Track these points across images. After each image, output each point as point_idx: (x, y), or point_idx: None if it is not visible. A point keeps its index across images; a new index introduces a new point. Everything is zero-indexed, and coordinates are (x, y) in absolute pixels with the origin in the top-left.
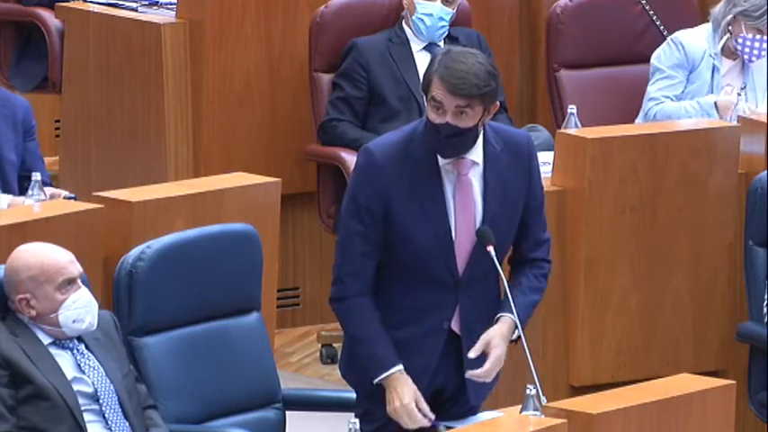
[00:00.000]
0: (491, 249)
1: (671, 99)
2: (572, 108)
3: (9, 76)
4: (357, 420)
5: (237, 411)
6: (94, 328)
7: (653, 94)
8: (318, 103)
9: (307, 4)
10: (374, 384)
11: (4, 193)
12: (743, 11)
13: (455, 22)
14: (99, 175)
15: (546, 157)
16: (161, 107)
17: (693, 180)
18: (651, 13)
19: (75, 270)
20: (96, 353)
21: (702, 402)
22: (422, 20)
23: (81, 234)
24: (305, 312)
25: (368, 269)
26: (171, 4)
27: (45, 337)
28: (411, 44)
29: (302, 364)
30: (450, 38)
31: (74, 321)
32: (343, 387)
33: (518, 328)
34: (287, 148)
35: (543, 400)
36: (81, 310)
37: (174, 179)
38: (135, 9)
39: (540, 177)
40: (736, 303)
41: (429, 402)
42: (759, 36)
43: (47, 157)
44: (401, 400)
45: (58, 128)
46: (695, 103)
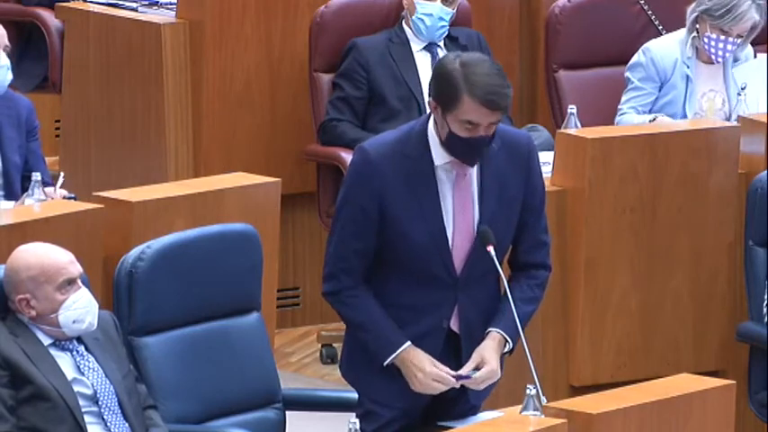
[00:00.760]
0: (491, 249)
1: (636, 110)
2: (572, 108)
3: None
4: (357, 420)
5: (237, 411)
6: (94, 328)
7: (621, 104)
8: (318, 103)
9: (307, 4)
10: (377, 385)
11: (8, 195)
12: (706, 9)
13: (455, 22)
14: (99, 175)
15: (546, 157)
16: (161, 107)
17: (693, 180)
18: (650, 12)
19: (76, 270)
20: (96, 354)
21: (702, 402)
22: (422, 20)
23: (81, 234)
24: (305, 312)
25: (361, 266)
26: (171, 4)
27: (45, 338)
28: (411, 44)
29: (302, 364)
30: (450, 38)
31: (74, 322)
32: (343, 387)
33: (508, 343)
34: (287, 148)
35: (543, 400)
36: (81, 310)
37: (174, 179)
38: (135, 9)
39: (542, 177)
40: (736, 303)
41: (429, 403)
42: (723, 37)
43: (47, 157)
44: (422, 370)
45: (58, 128)
46: (651, 118)
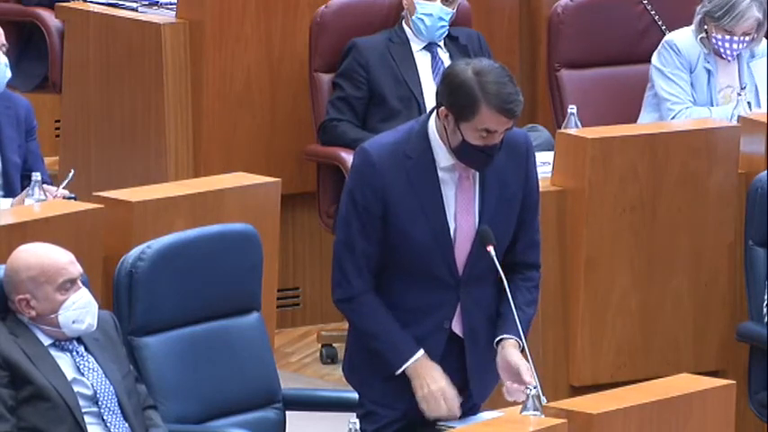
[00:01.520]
0: (491, 249)
1: (691, 101)
2: (572, 108)
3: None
4: (357, 420)
5: (237, 411)
6: (94, 328)
7: (674, 96)
8: (318, 103)
9: (307, 4)
10: (379, 387)
11: (8, 195)
12: (708, 11)
13: (455, 22)
14: (99, 175)
15: (546, 157)
16: (161, 107)
17: (693, 180)
18: (653, 12)
19: (75, 270)
20: (96, 354)
21: (702, 402)
22: (422, 20)
23: (81, 234)
24: (305, 312)
25: (370, 267)
26: (171, 4)
27: (45, 338)
28: (411, 44)
29: (302, 364)
30: (450, 37)
31: (73, 322)
32: (343, 387)
33: (522, 342)
34: (287, 148)
35: (543, 400)
36: (81, 310)
37: (174, 179)
38: (135, 9)
39: (537, 177)
40: (736, 303)
41: None
42: (728, 36)
43: (47, 157)
44: (436, 383)
45: (58, 128)
46: (726, 110)
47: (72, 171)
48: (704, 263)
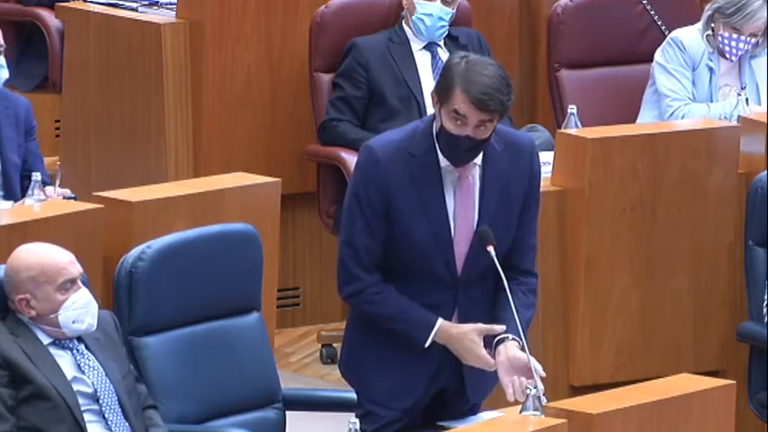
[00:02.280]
0: (491, 249)
1: (692, 99)
2: (572, 108)
3: (9, 76)
4: (357, 420)
5: (237, 411)
6: (94, 328)
7: (674, 93)
8: (318, 103)
9: (307, 4)
10: (378, 385)
11: (7, 194)
12: (718, 8)
13: (455, 22)
14: (99, 175)
15: (546, 157)
16: (161, 107)
17: (693, 180)
18: (652, 12)
19: (75, 270)
20: (96, 353)
21: (702, 402)
22: (422, 20)
23: (81, 234)
24: (305, 312)
25: (374, 263)
26: (171, 4)
27: (45, 338)
28: (411, 44)
29: (302, 364)
30: (450, 37)
31: (73, 322)
32: (343, 387)
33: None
34: (287, 148)
35: (543, 400)
36: (81, 310)
37: (174, 179)
38: (135, 9)
39: (540, 181)
40: (736, 303)
41: (430, 403)
42: (736, 35)
43: (47, 157)
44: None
45: (58, 128)
46: (725, 105)
47: (59, 168)
48: (704, 263)
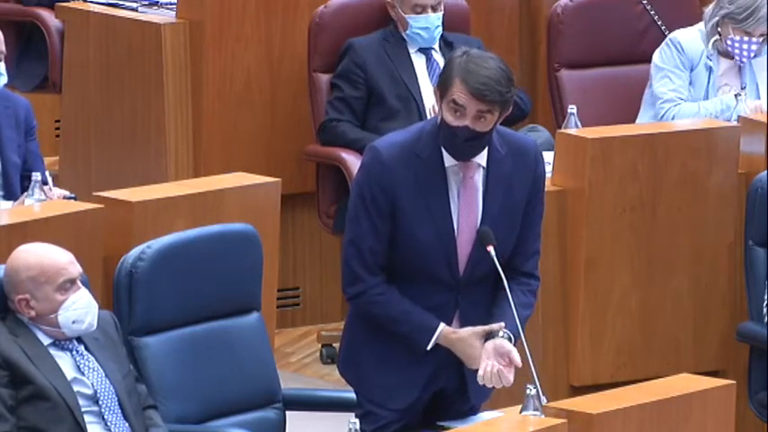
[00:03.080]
0: (491, 249)
1: (683, 100)
2: (572, 108)
3: (9, 76)
4: (357, 420)
5: (237, 411)
6: (94, 328)
7: (665, 95)
8: (318, 103)
9: (306, 4)
10: (377, 384)
11: (7, 194)
12: (728, 13)
13: (454, 27)
14: (99, 175)
15: (546, 158)
16: (161, 107)
17: (693, 180)
18: (652, 12)
19: (75, 271)
20: (96, 354)
21: (702, 402)
22: (418, 34)
23: (81, 234)
24: (305, 312)
25: (378, 264)
26: (171, 4)
27: (45, 338)
28: (406, 43)
29: (302, 364)
30: (446, 43)
31: (73, 322)
32: (343, 387)
33: (519, 337)
34: (287, 148)
35: (543, 400)
36: (81, 310)
37: (174, 179)
38: (135, 9)
39: (545, 185)
40: (736, 303)
41: (430, 403)
42: (747, 38)
43: (47, 158)
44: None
45: (58, 128)
46: (715, 102)
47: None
48: (704, 263)
